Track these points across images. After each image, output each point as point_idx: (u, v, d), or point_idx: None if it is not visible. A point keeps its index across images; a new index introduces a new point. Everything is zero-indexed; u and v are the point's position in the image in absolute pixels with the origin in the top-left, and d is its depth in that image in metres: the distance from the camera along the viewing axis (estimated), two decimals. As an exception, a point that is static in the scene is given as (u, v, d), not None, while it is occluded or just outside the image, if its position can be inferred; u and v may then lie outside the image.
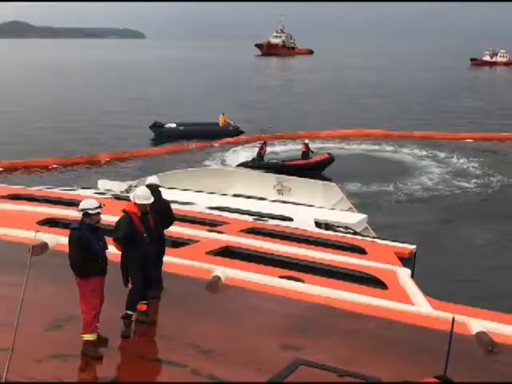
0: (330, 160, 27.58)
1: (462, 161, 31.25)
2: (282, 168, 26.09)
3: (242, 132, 37.15)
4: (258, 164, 26.99)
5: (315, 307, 8.39)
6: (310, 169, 26.50)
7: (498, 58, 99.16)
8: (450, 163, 30.96)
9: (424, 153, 33.05)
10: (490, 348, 7.34)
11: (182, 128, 37.06)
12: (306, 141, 28.85)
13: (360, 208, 19.49)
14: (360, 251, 12.01)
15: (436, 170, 29.38)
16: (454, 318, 6.15)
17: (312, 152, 28.17)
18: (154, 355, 6.96)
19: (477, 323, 8.10)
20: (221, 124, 37.57)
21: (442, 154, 32.65)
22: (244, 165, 27.09)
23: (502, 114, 49.37)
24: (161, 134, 37.15)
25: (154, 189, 8.41)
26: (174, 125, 37.43)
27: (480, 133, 38.55)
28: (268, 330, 7.55)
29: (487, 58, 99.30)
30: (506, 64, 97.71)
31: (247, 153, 31.91)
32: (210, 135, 35.69)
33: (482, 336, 7.65)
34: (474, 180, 27.33)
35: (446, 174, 28.45)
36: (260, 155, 27.89)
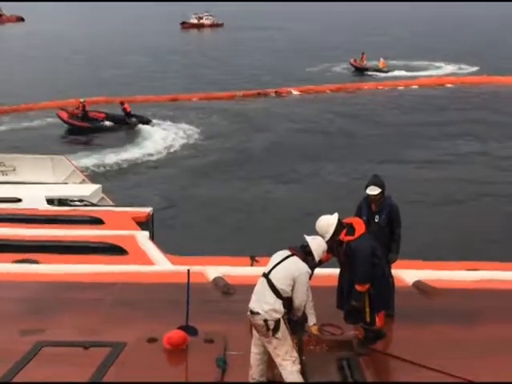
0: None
1: (202, 121, 31.88)
2: None
3: None
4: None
5: (53, 286, 8.08)
6: None
7: (204, 21, 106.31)
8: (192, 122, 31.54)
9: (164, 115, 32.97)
10: (226, 290, 7.94)
11: None
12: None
13: (98, 178, 19.26)
14: (97, 222, 11.94)
15: (170, 132, 29.58)
16: (189, 270, 6.52)
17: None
18: None
19: (214, 270, 8.66)
20: None
21: (171, 115, 33.04)
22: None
23: (221, 71, 52.26)
24: None
25: None
26: None
27: (208, 93, 40.23)
28: (2, 319, 7.05)
29: (195, 21, 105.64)
30: (211, 26, 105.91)
31: None
32: None
33: (218, 281, 8.22)
34: (214, 140, 28.37)
35: (187, 137, 28.92)
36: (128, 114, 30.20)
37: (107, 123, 30.37)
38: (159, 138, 28.39)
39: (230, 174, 23.20)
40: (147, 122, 30.69)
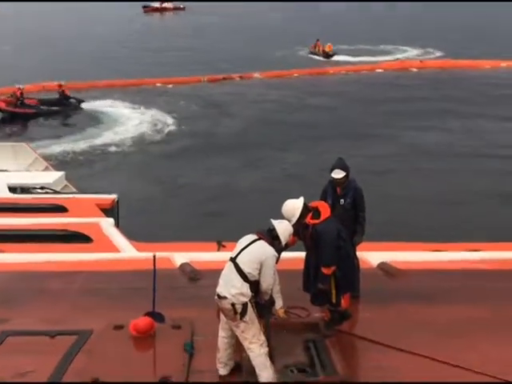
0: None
1: (163, 108, 31.47)
2: None
3: None
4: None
5: (18, 276, 7.96)
6: None
7: (167, 4, 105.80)
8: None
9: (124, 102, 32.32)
10: (193, 276, 7.92)
11: None
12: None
13: (63, 165, 18.89)
14: (61, 209, 11.76)
15: (137, 117, 29.18)
16: (154, 256, 6.46)
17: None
18: None
19: (180, 256, 8.63)
20: None
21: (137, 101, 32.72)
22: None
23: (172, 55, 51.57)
24: None
25: None
26: None
27: (177, 77, 39.80)
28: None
29: (157, 5, 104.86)
30: (174, 9, 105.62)
31: None
32: None
33: (185, 267, 8.19)
34: (183, 125, 27.97)
35: (155, 122, 28.45)
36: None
37: (44, 108, 29.93)
38: (126, 124, 27.93)
39: (199, 159, 23.01)
40: (82, 101, 31.10)
